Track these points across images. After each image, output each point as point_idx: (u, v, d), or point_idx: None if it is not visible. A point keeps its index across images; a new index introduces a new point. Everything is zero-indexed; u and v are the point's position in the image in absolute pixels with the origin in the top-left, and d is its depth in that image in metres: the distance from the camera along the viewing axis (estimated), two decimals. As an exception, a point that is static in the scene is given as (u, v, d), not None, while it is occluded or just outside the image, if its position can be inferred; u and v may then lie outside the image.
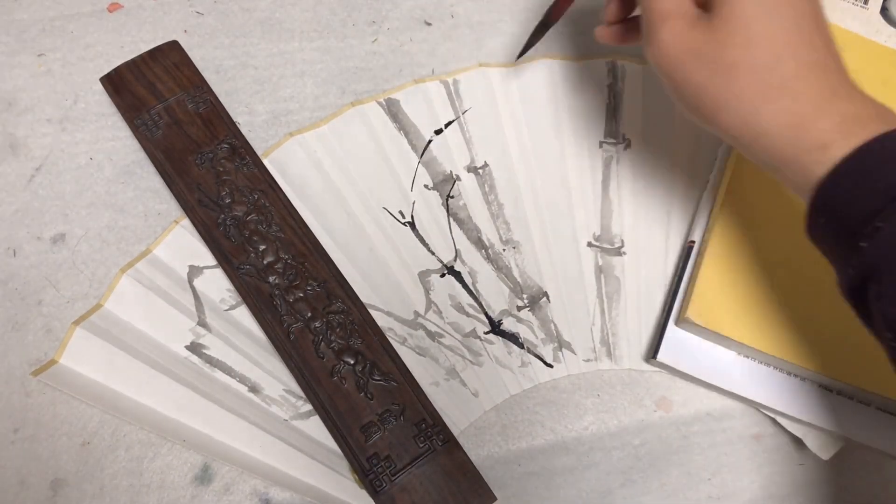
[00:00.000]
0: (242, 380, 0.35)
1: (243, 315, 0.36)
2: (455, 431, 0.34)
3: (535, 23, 0.38)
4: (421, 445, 0.33)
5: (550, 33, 0.45)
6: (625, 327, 0.38)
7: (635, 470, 0.35)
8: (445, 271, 0.38)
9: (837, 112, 0.25)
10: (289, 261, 0.36)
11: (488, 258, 0.39)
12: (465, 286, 0.38)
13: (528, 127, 0.41)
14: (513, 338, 0.37)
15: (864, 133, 0.24)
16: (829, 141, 0.24)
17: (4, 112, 0.40)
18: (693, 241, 0.38)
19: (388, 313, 0.37)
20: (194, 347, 0.35)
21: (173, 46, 0.40)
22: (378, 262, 0.38)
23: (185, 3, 0.43)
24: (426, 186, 0.40)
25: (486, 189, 0.40)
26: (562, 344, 0.37)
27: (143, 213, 0.38)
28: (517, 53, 0.40)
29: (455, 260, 0.38)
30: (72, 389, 0.33)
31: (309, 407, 0.35)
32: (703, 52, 0.26)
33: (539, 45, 0.44)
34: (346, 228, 0.38)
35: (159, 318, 0.35)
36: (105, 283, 0.36)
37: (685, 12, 0.27)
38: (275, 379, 0.35)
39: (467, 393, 0.36)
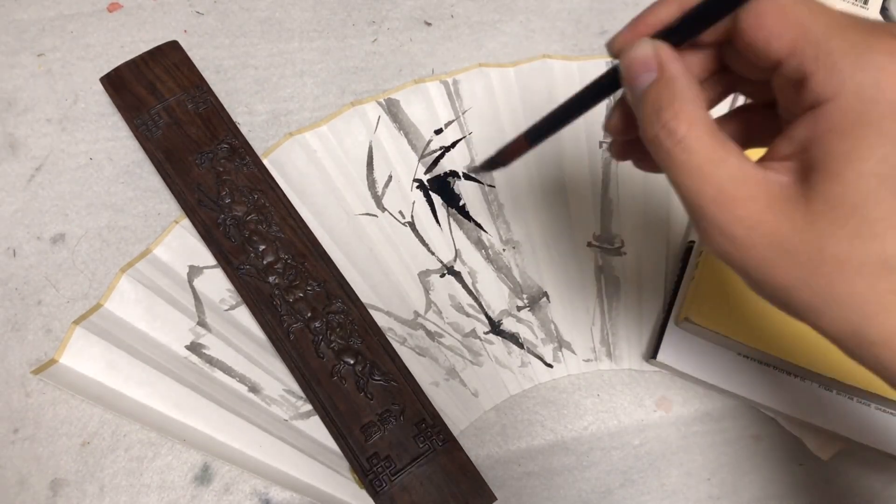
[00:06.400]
0: (242, 380, 0.35)
1: (243, 315, 0.36)
2: (455, 431, 0.34)
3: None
4: (421, 445, 0.33)
5: (551, 32, 0.45)
6: (625, 327, 0.38)
7: (635, 470, 0.35)
8: (445, 271, 0.38)
9: None
10: (289, 261, 0.36)
11: (488, 258, 0.39)
12: (464, 286, 0.38)
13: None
14: (513, 338, 0.37)
15: None
16: None
17: (4, 112, 0.40)
18: (693, 241, 0.38)
19: (388, 313, 0.37)
20: (194, 347, 0.35)
21: (173, 46, 0.40)
22: (378, 262, 0.38)
23: (185, 3, 0.43)
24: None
25: (486, 189, 0.40)
26: (562, 344, 0.37)
27: (143, 213, 0.38)
28: (476, 166, 0.38)
29: (455, 260, 0.38)
30: (72, 389, 0.33)
31: (309, 407, 0.35)
32: (793, 247, 0.19)
33: (539, 45, 0.44)
34: (346, 228, 0.38)
35: (159, 317, 0.35)
36: (105, 283, 0.36)
37: (760, 192, 0.19)
38: (275, 379, 0.35)
39: (467, 393, 0.36)
